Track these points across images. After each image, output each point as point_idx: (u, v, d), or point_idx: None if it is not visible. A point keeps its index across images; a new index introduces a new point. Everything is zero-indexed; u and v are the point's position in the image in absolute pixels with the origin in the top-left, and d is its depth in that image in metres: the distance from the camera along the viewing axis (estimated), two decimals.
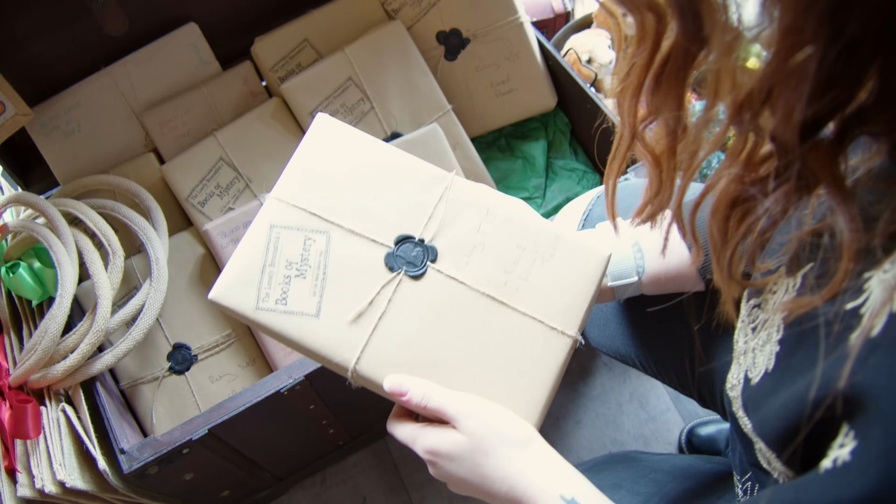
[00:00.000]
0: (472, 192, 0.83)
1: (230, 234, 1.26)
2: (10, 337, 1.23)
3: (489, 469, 0.71)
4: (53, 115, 1.35)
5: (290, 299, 0.78)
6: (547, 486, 0.70)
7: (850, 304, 0.49)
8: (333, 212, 0.81)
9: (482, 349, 0.79)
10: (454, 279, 0.80)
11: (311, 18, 1.42)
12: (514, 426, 0.74)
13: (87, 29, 1.31)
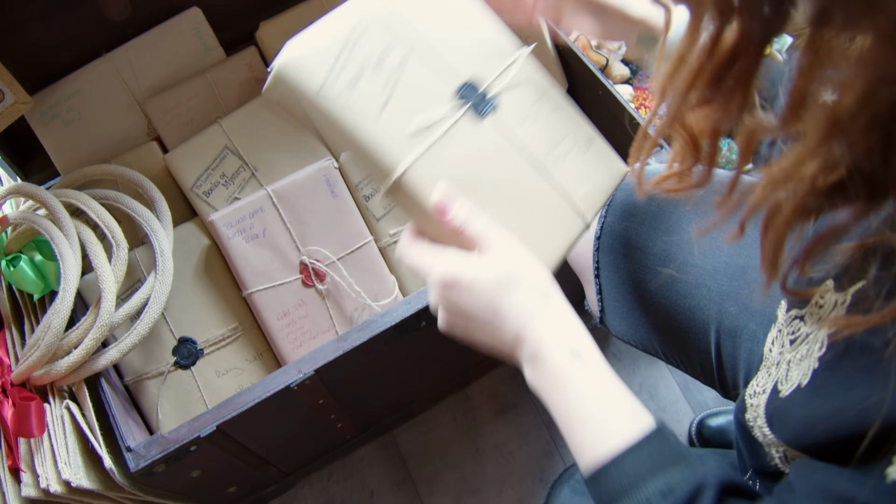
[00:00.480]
0: (536, 72, 0.86)
1: (236, 224, 1.23)
2: (11, 332, 1.21)
3: (507, 305, 0.70)
4: (53, 102, 1.32)
5: (357, 93, 0.75)
6: (558, 334, 0.69)
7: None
8: (422, 32, 0.80)
9: (515, 203, 0.81)
10: (505, 136, 0.82)
11: (317, 2, 1.39)
12: (540, 272, 0.73)
13: (88, 13, 1.28)
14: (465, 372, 1.50)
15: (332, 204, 1.25)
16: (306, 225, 1.25)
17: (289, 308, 1.24)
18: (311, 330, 1.24)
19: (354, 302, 1.24)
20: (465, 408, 1.52)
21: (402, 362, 1.30)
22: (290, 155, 1.33)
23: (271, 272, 1.24)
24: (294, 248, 1.24)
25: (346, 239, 1.27)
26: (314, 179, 1.25)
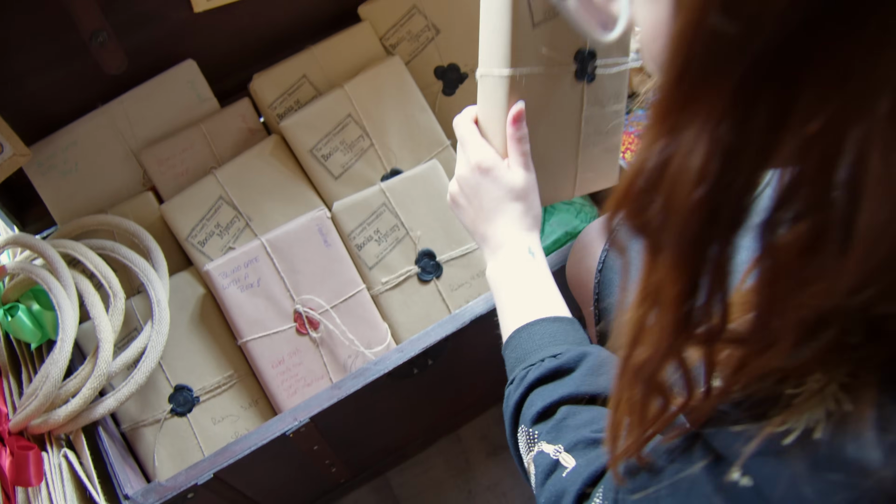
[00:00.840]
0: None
1: (231, 274, 1.25)
2: (9, 381, 1.22)
3: (506, 210, 0.91)
4: (50, 153, 1.34)
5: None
6: (521, 237, 0.91)
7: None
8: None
9: (548, 147, 1.01)
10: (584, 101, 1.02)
11: (309, 54, 1.42)
12: (538, 205, 0.95)
13: (84, 67, 1.30)
14: (457, 414, 1.52)
15: (325, 253, 1.28)
16: (300, 274, 1.27)
17: (283, 356, 1.26)
18: (306, 377, 1.25)
19: (348, 349, 1.26)
20: (457, 450, 1.54)
21: (395, 407, 1.32)
22: (283, 205, 1.36)
23: (266, 321, 1.26)
24: (288, 296, 1.26)
25: (339, 287, 1.29)
26: (307, 229, 1.28)
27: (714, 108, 0.40)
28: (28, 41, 1.22)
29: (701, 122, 0.40)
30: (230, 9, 1.34)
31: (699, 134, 0.40)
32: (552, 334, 0.83)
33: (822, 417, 0.44)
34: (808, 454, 0.44)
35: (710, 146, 0.40)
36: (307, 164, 1.38)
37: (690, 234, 0.44)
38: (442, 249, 1.35)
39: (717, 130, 0.40)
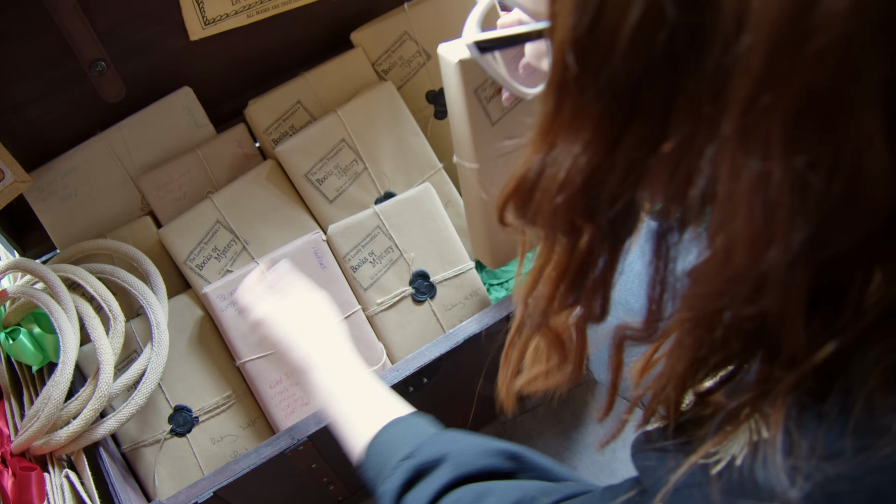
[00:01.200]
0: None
1: (229, 296, 1.27)
2: (10, 403, 1.24)
3: (287, 333, 0.98)
4: (50, 180, 1.37)
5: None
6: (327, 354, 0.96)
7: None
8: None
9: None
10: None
11: (303, 80, 1.45)
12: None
13: (83, 94, 1.33)
14: None
15: (321, 275, 1.30)
16: None
17: (281, 376, 1.28)
18: (303, 397, 1.27)
19: None
20: None
21: None
22: (280, 228, 1.38)
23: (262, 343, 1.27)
24: None
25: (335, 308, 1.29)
26: (303, 252, 1.31)
27: (579, 130, 0.46)
28: (28, 70, 1.24)
29: (568, 142, 0.47)
30: (225, 37, 1.38)
31: (566, 151, 0.47)
32: (399, 437, 0.83)
33: (745, 445, 0.48)
34: (727, 481, 0.47)
35: (571, 162, 0.47)
36: (302, 188, 1.40)
37: (560, 228, 0.52)
38: (435, 270, 1.38)
39: (579, 150, 0.46)
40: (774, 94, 0.37)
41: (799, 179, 0.38)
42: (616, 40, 0.41)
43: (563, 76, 0.45)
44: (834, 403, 0.44)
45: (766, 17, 0.36)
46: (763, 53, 0.37)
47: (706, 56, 0.39)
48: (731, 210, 0.41)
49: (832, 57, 0.35)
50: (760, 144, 0.38)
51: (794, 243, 0.40)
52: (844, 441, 0.43)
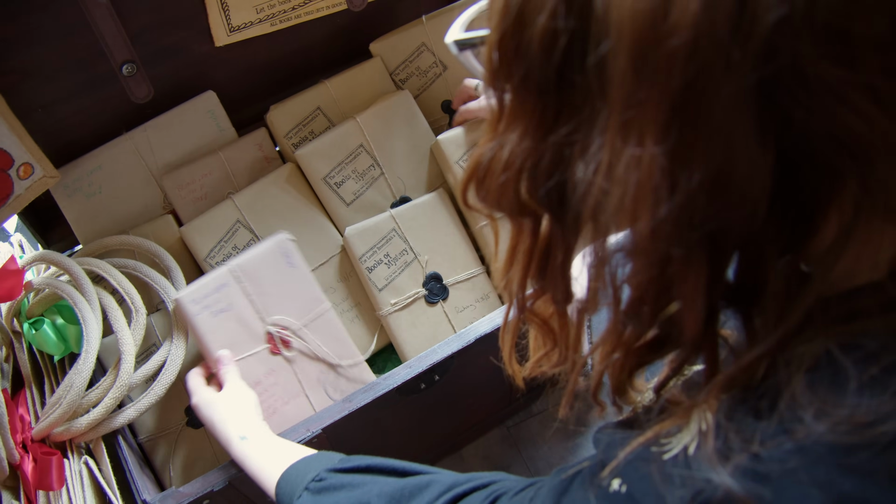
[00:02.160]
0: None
1: (202, 300, 1.25)
2: (31, 391, 1.26)
3: (213, 414, 1.12)
4: (76, 177, 1.41)
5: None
6: (233, 429, 1.08)
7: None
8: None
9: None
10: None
11: (323, 88, 1.50)
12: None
13: (111, 95, 1.37)
14: (459, 434, 1.56)
15: (289, 274, 1.30)
16: (269, 296, 1.28)
17: (260, 377, 1.27)
18: (283, 396, 1.27)
19: (319, 366, 1.30)
20: (460, 469, 1.56)
21: (401, 425, 1.37)
22: (297, 229, 1.42)
23: (240, 344, 1.26)
24: (259, 318, 1.27)
25: (306, 306, 1.31)
26: (272, 253, 1.30)
27: (517, 121, 0.54)
28: (60, 70, 1.29)
29: (510, 131, 0.54)
30: (249, 43, 1.42)
31: (508, 139, 0.55)
32: (299, 473, 0.96)
33: (696, 435, 0.52)
34: (673, 464, 0.52)
35: (512, 147, 0.54)
36: (321, 191, 1.45)
37: (507, 207, 0.59)
38: (448, 273, 1.42)
39: (517, 137, 0.54)
40: (644, 92, 0.43)
41: (663, 165, 0.44)
42: (529, 43, 0.49)
43: (492, 71, 0.53)
44: (764, 400, 0.49)
45: (626, 25, 0.42)
46: (626, 57, 0.43)
47: (591, 58, 0.46)
48: (612, 188, 0.47)
49: (683, 61, 0.41)
50: (636, 133, 0.44)
51: (659, 218, 0.45)
52: (770, 431, 0.47)
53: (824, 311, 0.49)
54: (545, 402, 1.68)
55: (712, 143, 0.43)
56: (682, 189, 0.44)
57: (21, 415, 1.22)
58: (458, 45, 0.73)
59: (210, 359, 1.23)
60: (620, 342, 0.58)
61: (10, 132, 1.22)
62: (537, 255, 0.60)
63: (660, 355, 0.59)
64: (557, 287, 0.62)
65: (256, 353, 1.26)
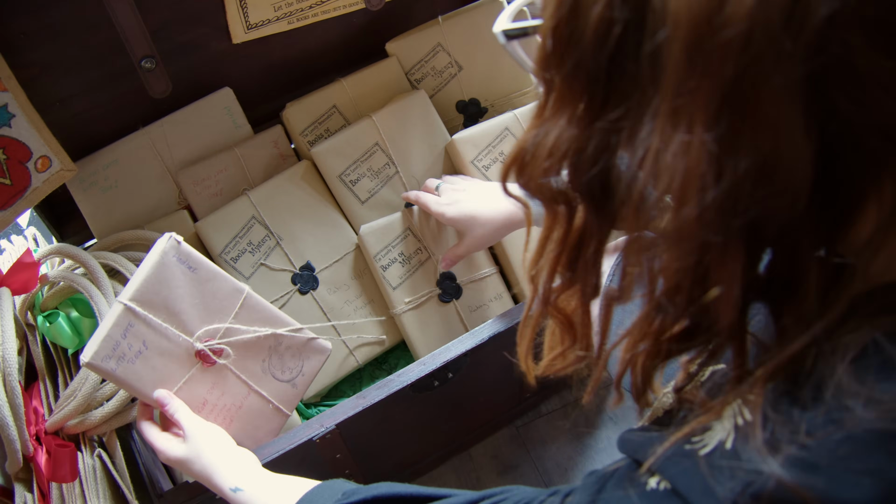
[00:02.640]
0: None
1: (114, 353, 1.08)
2: (45, 384, 1.27)
3: (197, 471, 1.04)
4: (92, 171, 1.41)
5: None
6: (224, 480, 1.01)
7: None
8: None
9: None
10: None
11: (339, 86, 1.50)
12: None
13: (128, 90, 1.38)
14: (469, 433, 1.57)
15: (195, 279, 1.13)
16: (181, 313, 1.12)
17: (205, 396, 1.16)
18: (234, 402, 1.19)
19: (258, 356, 1.20)
20: (468, 468, 1.59)
21: (413, 423, 1.37)
22: (312, 226, 1.43)
23: (169, 376, 1.13)
24: (181, 341, 1.12)
25: (225, 304, 1.16)
26: (165, 265, 1.10)
27: (564, 107, 0.55)
28: (79, 64, 1.29)
29: (557, 118, 0.55)
30: (266, 41, 1.43)
31: (555, 125, 0.55)
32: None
33: (731, 430, 0.53)
34: (715, 459, 0.53)
35: (558, 133, 0.55)
36: (336, 189, 1.45)
37: (547, 194, 0.60)
38: (462, 273, 1.43)
39: (564, 123, 0.55)
40: (696, 81, 0.44)
41: (711, 152, 0.45)
42: (584, 31, 0.50)
43: (545, 57, 0.54)
44: (808, 390, 0.50)
45: (682, 15, 0.44)
46: (681, 46, 0.44)
47: (645, 47, 0.47)
48: (659, 174, 0.48)
49: (736, 52, 0.42)
50: (685, 120, 0.46)
51: (706, 204, 0.46)
52: (817, 421, 0.48)
53: (868, 302, 0.50)
54: (554, 403, 1.68)
55: (760, 131, 0.44)
56: (728, 176, 0.45)
57: (35, 407, 1.22)
58: (506, 35, 0.74)
59: (149, 402, 1.12)
60: (650, 332, 0.58)
61: (29, 125, 1.22)
62: (569, 245, 0.61)
63: (688, 347, 0.59)
64: (588, 279, 0.63)
65: (191, 375, 1.14)
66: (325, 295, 1.45)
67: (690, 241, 0.49)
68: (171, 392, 1.11)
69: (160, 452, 1.07)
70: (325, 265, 1.44)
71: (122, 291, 1.08)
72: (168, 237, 1.09)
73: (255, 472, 1.03)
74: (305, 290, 1.43)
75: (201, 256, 1.13)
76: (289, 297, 1.43)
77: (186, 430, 1.07)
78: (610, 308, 0.65)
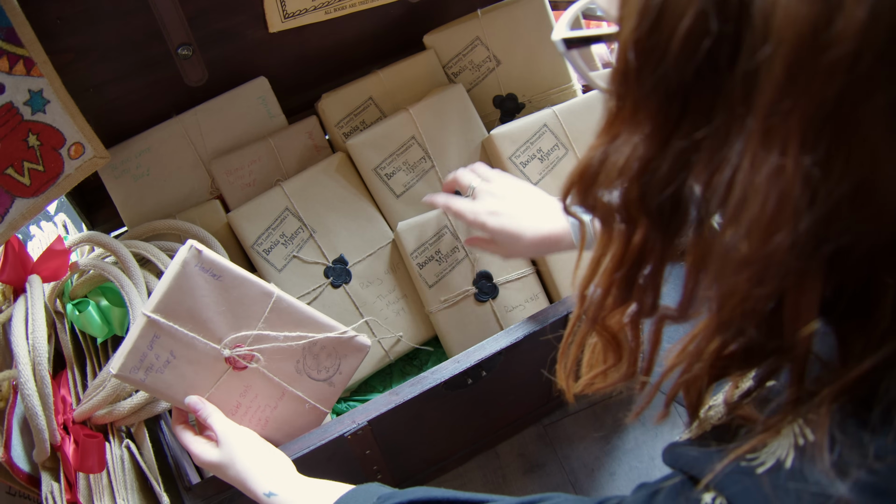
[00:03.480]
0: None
1: (141, 365, 1.08)
2: (73, 373, 1.26)
3: (231, 477, 1.05)
4: (124, 158, 1.40)
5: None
6: (257, 484, 1.01)
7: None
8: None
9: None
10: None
11: (375, 78, 1.48)
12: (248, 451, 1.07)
13: (163, 77, 1.36)
14: (496, 431, 1.56)
15: (219, 286, 1.10)
16: (208, 322, 1.10)
17: (238, 399, 1.16)
18: (269, 403, 1.18)
19: (292, 357, 1.18)
20: (494, 465, 1.57)
21: (443, 420, 1.36)
22: (346, 219, 1.42)
23: (200, 383, 1.12)
24: (210, 349, 1.11)
25: (253, 309, 1.13)
26: (186, 276, 1.07)
27: (639, 124, 0.52)
28: (114, 50, 1.28)
29: (630, 134, 0.53)
30: (302, 31, 1.41)
31: (627, 142, 0.53)
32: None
33: (790, 448, 0.52)
34: (776, 478, 0.52)
35: (630, 151, 0.53)
36: (370, 182, 1.44)
37: (616, 215, 0.57)
38: (499, 272, 1.41)
39: (638, 140, 0.52)
40: (793, 101, 0.42)
41: (808, 176, 0.43)
42: (669, 44, 0.47)
43: (624, 71, 0.51)
44: (877, 413, 0.48)
45: (787, 32, 0.41)
46: (783, 64, 0.42)
47: (739, 63, 0.45)
48: (748, 197, 0.46)
49: (843, 71, 0.40)
50: (779, 142, 0.44)
51: (800, 230, 0.44)
52: (887, 445, 0.47)
53: None
54: (582, 402, 1.66)
55: (859, 153, 0.42)
56: (823, 200, 0.43)
57: (63, 396, 1.21)
58: (566, 44, 0.71)
59: (181, 408, 1.13)
60: (709, 352, 0.56)
61: (64, 111, 1.21)
62: (628, 264, 0.59)
63: (748, 367, 0.58)
64: (645, 298, 0.61)
65: (223, 380, 1.14)
66: (358, 289, 1.43)
67: (778, 266, 0.47)
68: (202, 398, 1.12)
69: (195, 457, 1.07)
70: (359, 259, 1.42)
71: (146, 303, 1.08)
72: (189, 246, 1.07)
73: (289, 477, 1.03)
74: (338, 284, 1.42)
75: (225, 262, 1.11)
76: (321, 290, 1.41)
77: (220, 436, 1.08)
78: (661, 327, 0.63)
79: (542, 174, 1.41)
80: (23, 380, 1.10)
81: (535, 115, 1.43)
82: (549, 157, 1.42)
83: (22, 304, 1.18)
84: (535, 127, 1.42)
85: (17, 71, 1.14)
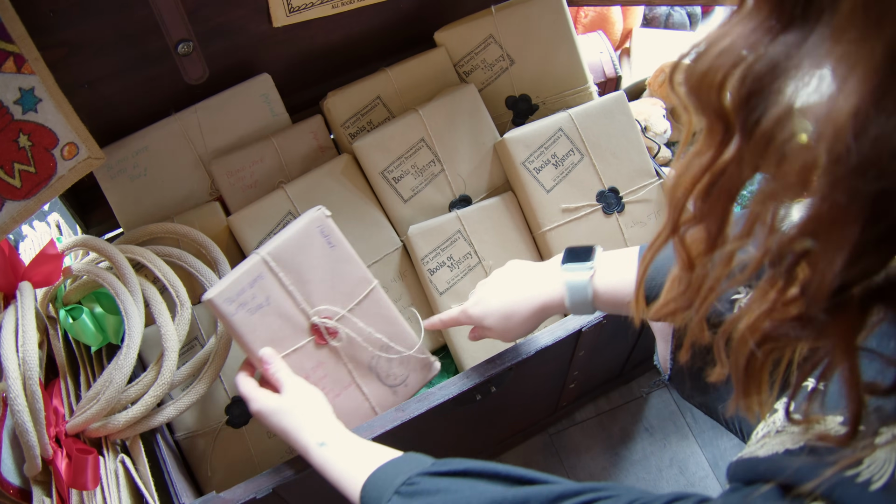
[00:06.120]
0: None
1: (237, 298, 1.11)
2: (66, 382, 1.21)
3: (286, 423, 1.04)
4: (121, 158, 1.35)
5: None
6: (311, 434, 1.02)
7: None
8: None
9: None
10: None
11: (384, 76, 1.43)
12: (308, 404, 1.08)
13: (161, 74, 1.31)
14: (501, 441, 1.53)
15: (330, 255, 1.17)
16: (309, 283, 1.15)
17: (307, 371, 1.17)
18: (333, 388, 1.19)
19: (370, 352, 1.20)
20: None
21: (449, 430, 1.32)
22: (352, 223, 1.37)
23: (283, 339, 1.14)
24: (300, 310, 1.15)
25: (352, 289, 1.19)
26: (308, 234, 1.15)
27: (755, 9, 0.51)
28: (110, 45, 1.22)
29: (746, 18, 0.52)
30: (308, 25, 1.36)
31: (744, 25, 0.51)
32: (387, 476, 0.91)
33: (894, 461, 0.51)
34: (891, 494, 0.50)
35: (741, 32, 0.51)
36: (377, 186, 1.39)
37: (712, 107, 0.55)
38: None
39: (751, 24, 0.51)
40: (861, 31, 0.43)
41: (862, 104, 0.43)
42: None
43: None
44: None
45: None
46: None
47: None
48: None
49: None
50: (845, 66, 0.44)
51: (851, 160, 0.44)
52: None
53: None
54: (589, 411, 1.63)
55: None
56: (873, 133, 0.43)
57: (55, 407, 1.17)
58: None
59: (253, 358, 1.14)
60: (770, 295, 0.56)
61: (57, 110, 1.15)
62: (713, 172, 0.57)
63: (800, 334, 0.56)
64: (715, 216, 0.59)
65: (302, 346, 1.16)
66: None
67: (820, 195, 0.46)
68: (277, 354, 1.13)
69: (252, 401, 1.08)
70: (365, 266, 1.37)
71: (264, 246, 1.15)
72: (318, 208, 1.17)
73: (344, 432, 1.03)
74: None
75: (342, 236, 1.18)
76: None
77: (286, 383, 1.09)
78: (732, 255, 0.61)
79: (556, 181, 1.36)
80: (12, 395, 1.05)
81: (549, 119, 1.38)
82: (563, 162, 1.36)
83: (12, 313, 1.13)
84: (550, 131, 1.37)
85: (7, 69, 1.09)
